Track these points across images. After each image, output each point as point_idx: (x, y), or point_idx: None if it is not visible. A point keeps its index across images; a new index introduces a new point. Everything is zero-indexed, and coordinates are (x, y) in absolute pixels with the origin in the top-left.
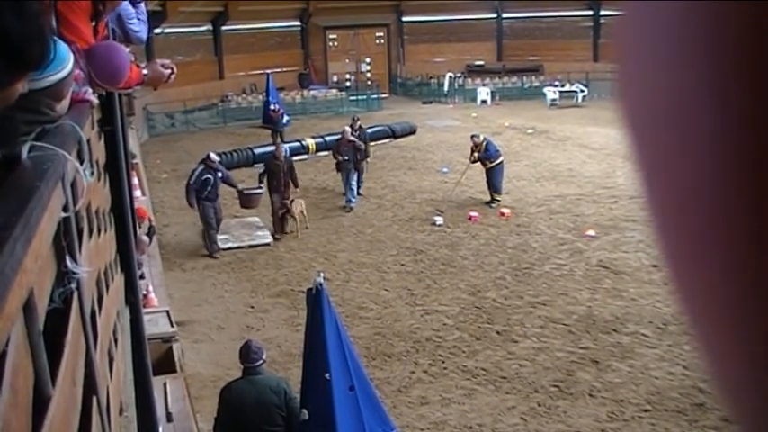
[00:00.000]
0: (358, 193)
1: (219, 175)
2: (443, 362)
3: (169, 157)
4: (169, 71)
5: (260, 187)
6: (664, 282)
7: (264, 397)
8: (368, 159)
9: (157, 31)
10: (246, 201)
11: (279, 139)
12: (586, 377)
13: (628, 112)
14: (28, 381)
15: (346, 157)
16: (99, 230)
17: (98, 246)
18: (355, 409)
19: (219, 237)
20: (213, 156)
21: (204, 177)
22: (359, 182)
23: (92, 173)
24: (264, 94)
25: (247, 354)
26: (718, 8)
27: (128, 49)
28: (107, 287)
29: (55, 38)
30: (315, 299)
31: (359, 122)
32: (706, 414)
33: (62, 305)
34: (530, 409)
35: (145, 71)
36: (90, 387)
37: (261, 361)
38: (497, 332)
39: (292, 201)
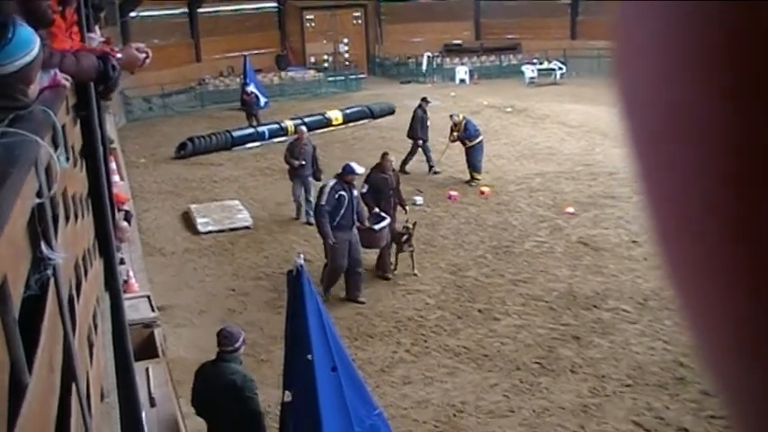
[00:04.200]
0: (308, 216)
1: (355, 194)
2: (425, 341)
3: (147, 142)
4: (144, 55)
5: (384, 217)
6: (643, 257)
7: (221, 384)
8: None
9: (133, 14)
10: (373, 239)
11: (255, 122)
12: (568, 353)
13: (625, 101)
14: (3, 368)
15: (303, 162)
16: (76, 216)
17: (75, 232)
18: (338, 389)
19: (199, 220)
20: (356, 167)
21: (338, 194)
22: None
23: (67, 158)
24: (242, 76)
25: (218, 338)
26: (700, 8)
27: (100, 38)
28: (86, 273)
29: (18, 21)
30: (295, 281)
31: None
32: (687, 388)
33: (39, 292)
34: (512, 386)
35: (119, 55)
36: (69, 374)
37: (231, 348)
38: (479, 311)
39: (414, 223)
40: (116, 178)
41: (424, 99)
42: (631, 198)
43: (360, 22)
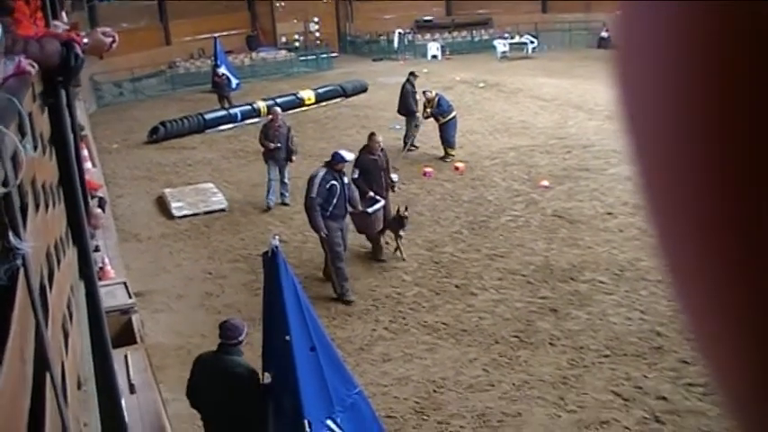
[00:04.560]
0: (283, 197)
1: (346, 181)
2: (404, 318)
3: (119, 127)
4: (110, 39)
5: (378, 200)
6: (619, 229)
7: (223, 377)
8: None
9: None
10: (368, 223)
11: (227, 104)
12: (546, 326)
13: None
14: None
15: (279, 144)
16: (47, 205)
17: (46, 221)
18: (317, 369)
19: (174, 204)
20: (346, 154)
21: (329, 185)
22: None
23: (35, 147)
24: (212, 58)
25: (222, 330)
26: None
27: (65, 25)
28: (58, 262)
29: None
30: (271, 262)
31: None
32: (664, 357)
33: (8, 282)
34: (491, 360)
35: (86, 40)
36: (42, 363)
37: (235, 341)
38: (456, 286)
39: (406, 208)
40: (88, 165)
41: (411, 73)
42: (605, 170)
43: (330, 0)
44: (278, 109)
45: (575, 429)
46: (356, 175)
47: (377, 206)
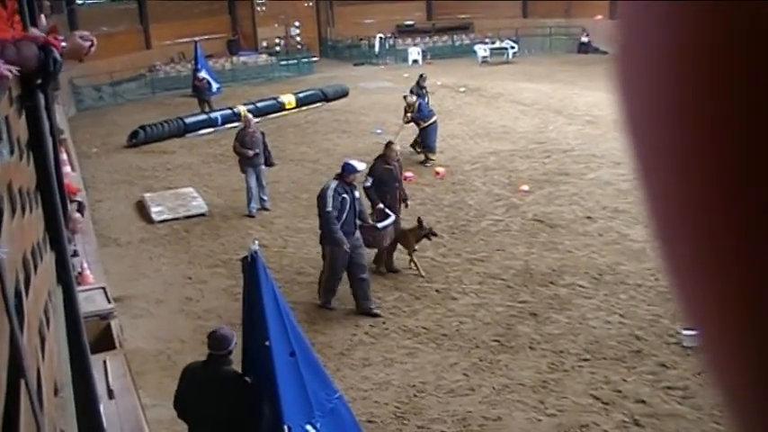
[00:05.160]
0: (263, 203)
1: (357, 195)
2: (384, 323)
3: (98, 131)
4: (89, 43)
5: (389, 215)
6: (598, 233)
7: (210, 388)
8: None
9: (80, 1)
10: (378, 238)
11: (207, 108)
12: (526, 330)
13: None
14: None
15: (257, 151)
16: (23, 210)
17: (23, 226)
18: (297, 375)
19: (153, 209)
20: (358, 164)
21: (341, 198)
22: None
23: (11, 151)
24: (193, 62)
25: (211, 341)
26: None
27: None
28: (35, 267)
29: None
30: (251, 267)
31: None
32: (643, 360)
33: None
34: (471, 364)
35: (64, 44)
36: (16, 370)
37: (225, 351)
38: (436, 290)
39: (432, 229)
40: (67, 169)
41: (420, 76)
42: (585, 175)
43: (311, 4)
44: (250, 115)
45: None
46: (368, 184)
47: (387, 221)
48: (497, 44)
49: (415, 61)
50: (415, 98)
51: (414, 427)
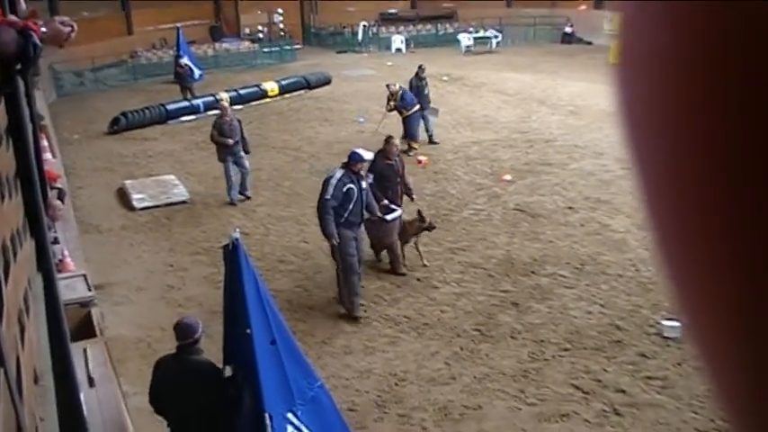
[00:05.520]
0: (243, 191)
1: (364, 186)
2: (366, 311)
3: (79, 117)
4: (69, 29)
5: (394, 208)
6: (580, 223)
7: (185, 379)
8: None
9: None
10: (384, 231)
11: (189, 95)
12: (507, 319)
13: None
14: None
15: (236, 139)
16: (2, 197)
17: (2, 212)
18: (278, 363)
19: (135, 196)
20: (365, 153)
21: (346, 188)
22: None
23: None
24: (175, 48)
25: (176, 332)
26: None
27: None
28: (15, 255)
29: None
30: (232, 255)
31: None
32: (624, 350)
33: None
34: (453, 353)
35: (44, 29)
36: None
37: (191, 340)
38: (418, 279)
39: (431, 222)
40: (48, 155)
41: (420, 67)
42: (567, 165)
43: None
44: (226, 104)
45: (535, 422)
46: (370, 181)
47: (395, 214)
48: (481, 33)
49: (399, 50)
50: (398, 86)
51: (394, 415)
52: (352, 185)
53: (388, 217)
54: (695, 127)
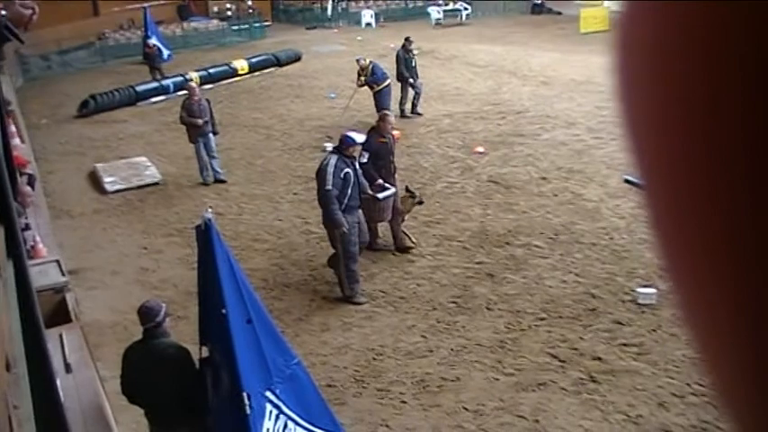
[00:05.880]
0: (217, 174)
1: (358, 169)
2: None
3: (48, 101)
4: (30, 11)
5: (388, 187)
6: (553, 193)
7: (151, 365)
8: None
9: None
10: (377, 210)
11: (158, 75)
12: (483, 291)
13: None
14: None
15: (206, 119)
16: None
17: None
18: (254, 341)
19: (106, 179)
20: (357, 136)
21: (343, 173)
22: (212, 155)
23: None
24: (143, 29)
25: (139, 316)
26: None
27: None
28: None
29: None
30: (204, 235)
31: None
32: (599, 318)
33: None
34: (429, 326)
35: (3, 12)
36: None
37: (153, 323)
38: (393, 254)
39: (420, 196)
40: (16, 141)
41: (406, 39)
42: (539, 136)
43: None
44: (194, 84)
45: (513, 392)
46: (365, 160)
47: (387, 192)
48: (451, 6)
49: (369, 24)
50: (368, 61)
51: (373, 389)
52: (348, 170)
53: (381, 195)
54: (695, 128)
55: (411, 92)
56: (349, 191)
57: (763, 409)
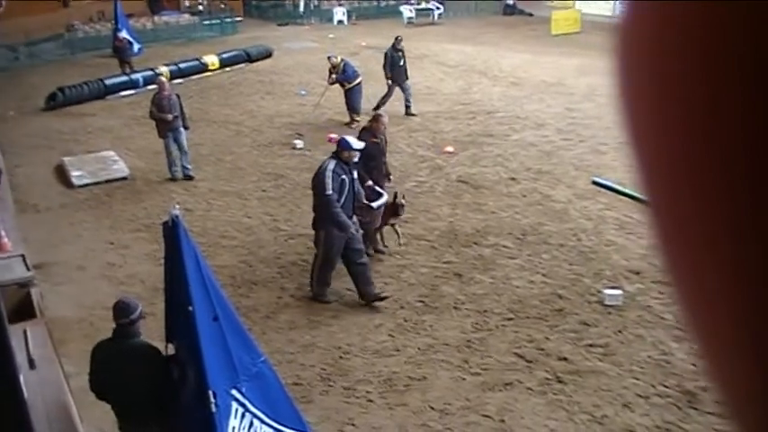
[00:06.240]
0: (186, 171)
1: (355, 176)
2: (310, 286)
3: (15, 94)
4: None
5: (381, 193)
6: (522, 194)
7: (122, 364)
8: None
9: None
10: (371, 219)
11: (128, 69)
12: (450, 290)
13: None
14: None
15: (176, 114)
16: None
17: None
18: (221, 339)
19: (73, 173)
20: (354, 142)
21: (340, 180)
22: (183, 150)
23: None
24: (113, 21)
25: (114, 312)
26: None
27: None
28: None
29: None
30: (171, 232)
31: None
32: (565, 319)
33: None
34: (397, 325)
35: None
36: None
37: (128, 320)
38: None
39: (404, 196)
40: None
41: (396, 38)
42: (509, 136)
43: None
44: (164, 79)
45: (479, 391)
46: (355, 160)
47: (381, 201)
48: (423, 5)
49: (341, 22)
50: (339, 59)
51: (340, 388)
52: (344, 176)
53: (374, 204)
54: (696, 129)
55: (396, 93)
56: (342, 198)
57: (764, 409)
